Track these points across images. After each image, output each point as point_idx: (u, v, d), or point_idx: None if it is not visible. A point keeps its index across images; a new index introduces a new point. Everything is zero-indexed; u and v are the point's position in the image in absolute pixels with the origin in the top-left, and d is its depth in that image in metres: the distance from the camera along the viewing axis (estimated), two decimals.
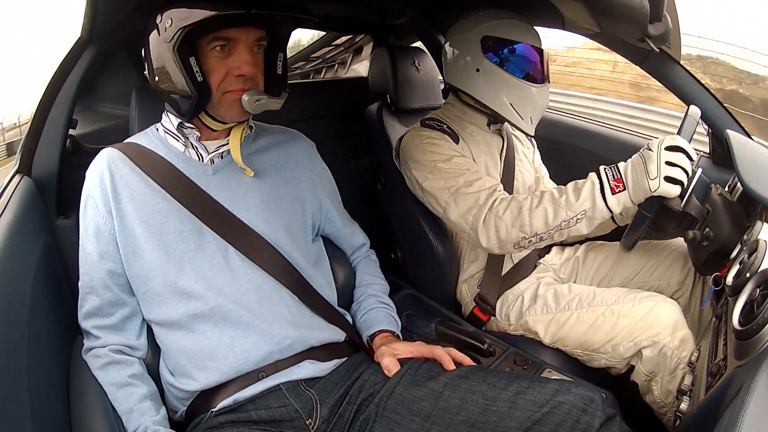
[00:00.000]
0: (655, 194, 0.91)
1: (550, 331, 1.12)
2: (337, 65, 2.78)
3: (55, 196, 0.99)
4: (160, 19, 0.78)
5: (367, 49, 2.54)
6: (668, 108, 4.67)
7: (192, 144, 0.87)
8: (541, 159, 1.49)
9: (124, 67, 1.80)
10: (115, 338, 0.82)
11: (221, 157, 0.89)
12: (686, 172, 0.90)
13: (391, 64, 1.49)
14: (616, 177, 0.95)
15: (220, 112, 0.83)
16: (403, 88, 1.48)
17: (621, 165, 0.96)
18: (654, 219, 0.96)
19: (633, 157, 0.95)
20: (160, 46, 0.78)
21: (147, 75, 0.84)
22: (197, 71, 0.78)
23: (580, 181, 0.99)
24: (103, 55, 1.02)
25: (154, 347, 0.86)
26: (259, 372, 0.82)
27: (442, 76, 1.34)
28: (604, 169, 0.97)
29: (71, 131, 1.03)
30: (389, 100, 1.52)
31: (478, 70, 1.18)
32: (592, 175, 0.98)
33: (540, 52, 1.19)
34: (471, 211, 1.07)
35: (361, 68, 2.72)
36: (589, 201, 0.96)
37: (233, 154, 0.87)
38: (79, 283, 0.84)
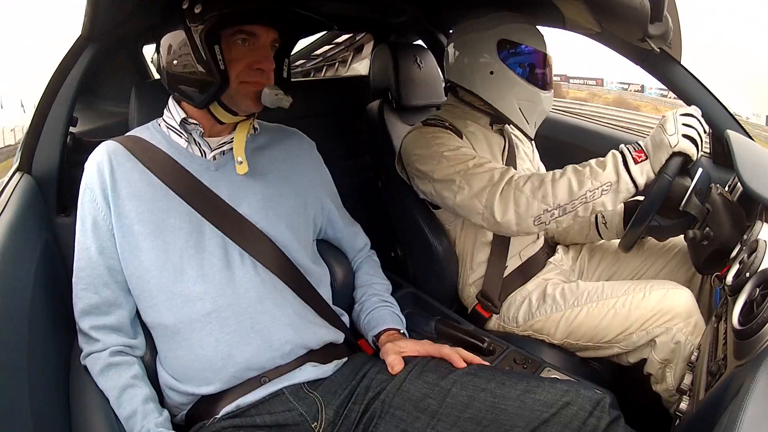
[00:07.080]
0: (675, 150, 0.93)
1: (561, 329, 1.12)
2: (337, 64, 2.78)
3: (56, 193, 0.99)
4: (187, 4, 0.78)
5: (368, 48, 2.54)
6: None
7: (195, 140, 0.87)
8: (540, 159, 1.48)
9: (124, 65, 1.79)
10: (114, 338, 0.80)
11: (223, 154, 0.88)
12: (700, 136, 0.94)
13: (392, 61, 1.48)
14: (637, 149, 0.97)
15: (236, 101, 0.83)
16: (404, 86, 1.47)
17: (641, 140, 0.99)
18: (654, 218, 0.97)
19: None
20: (184, 31, 0.79)
21: (157, 63, 0.85)
22: (220, 59, 0.79)
23: (601, 158, 1.00)
24: (104, 53, 1.02)
25: (152, 347, 0.85)
26: (262, 377, 0.81)
27: (443, 74, 1.34)
28: (625, 144, 0.99)
29: (72, 129, 1.02)
30: (390, 98, 1.51)
31: (492, 73, 1.18)
32: (613, 151, 0.99)
33: (548, 59, 1.20)
34: (485, 189, 1.04)
35: (361, 67, 2.72)
36: (613, 173, 0.96)
37: (235, 147, 0.86)
38: (74, 279, 0.81)
